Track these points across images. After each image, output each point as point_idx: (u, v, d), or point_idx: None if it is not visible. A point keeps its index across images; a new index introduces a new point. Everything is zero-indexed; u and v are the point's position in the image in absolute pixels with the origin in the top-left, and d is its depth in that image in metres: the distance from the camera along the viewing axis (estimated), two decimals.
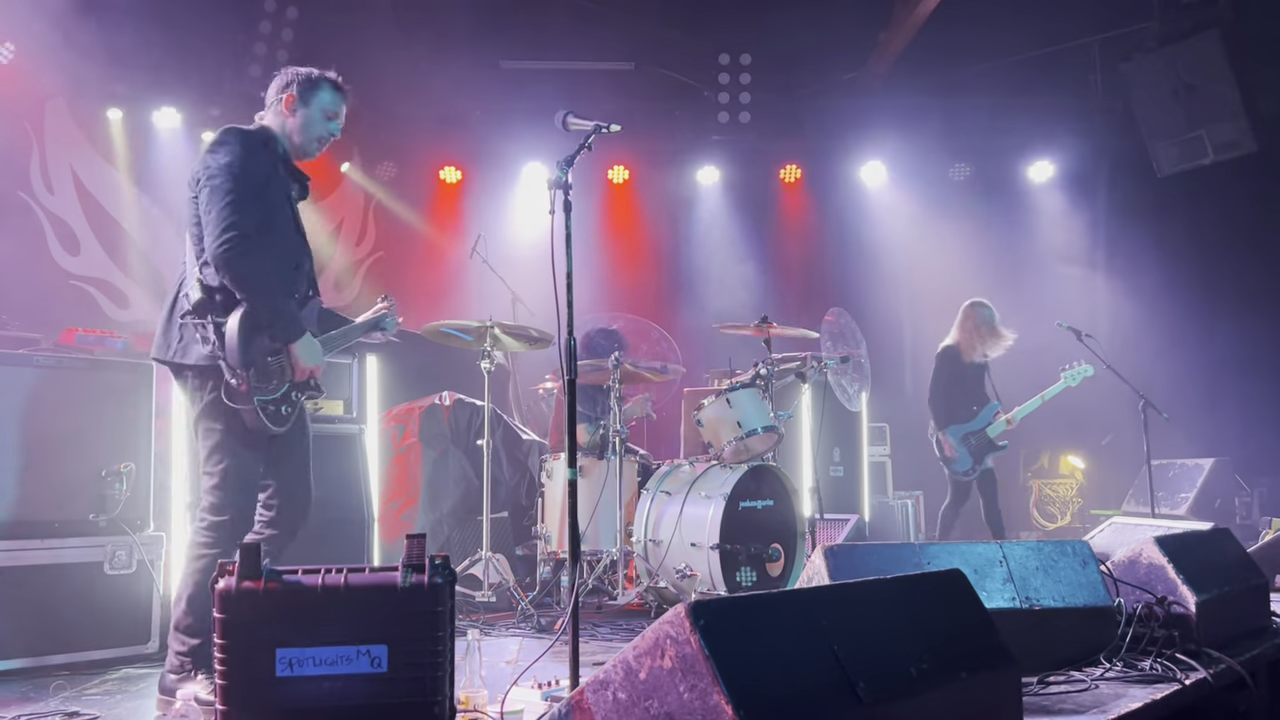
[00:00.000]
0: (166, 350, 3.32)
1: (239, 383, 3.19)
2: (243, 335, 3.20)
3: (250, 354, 3.22)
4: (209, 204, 3.25)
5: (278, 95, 3.52)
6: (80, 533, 3.98)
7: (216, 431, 3.26)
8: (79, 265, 8.04)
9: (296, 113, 3.51)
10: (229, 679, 2.24)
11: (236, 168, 3.27)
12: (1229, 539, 4.13)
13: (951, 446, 6.46)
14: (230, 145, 3.31)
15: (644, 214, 9.51)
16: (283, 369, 3.35)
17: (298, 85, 3.52)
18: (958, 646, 2.40)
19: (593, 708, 2.08)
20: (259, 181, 3.33)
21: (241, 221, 3.22)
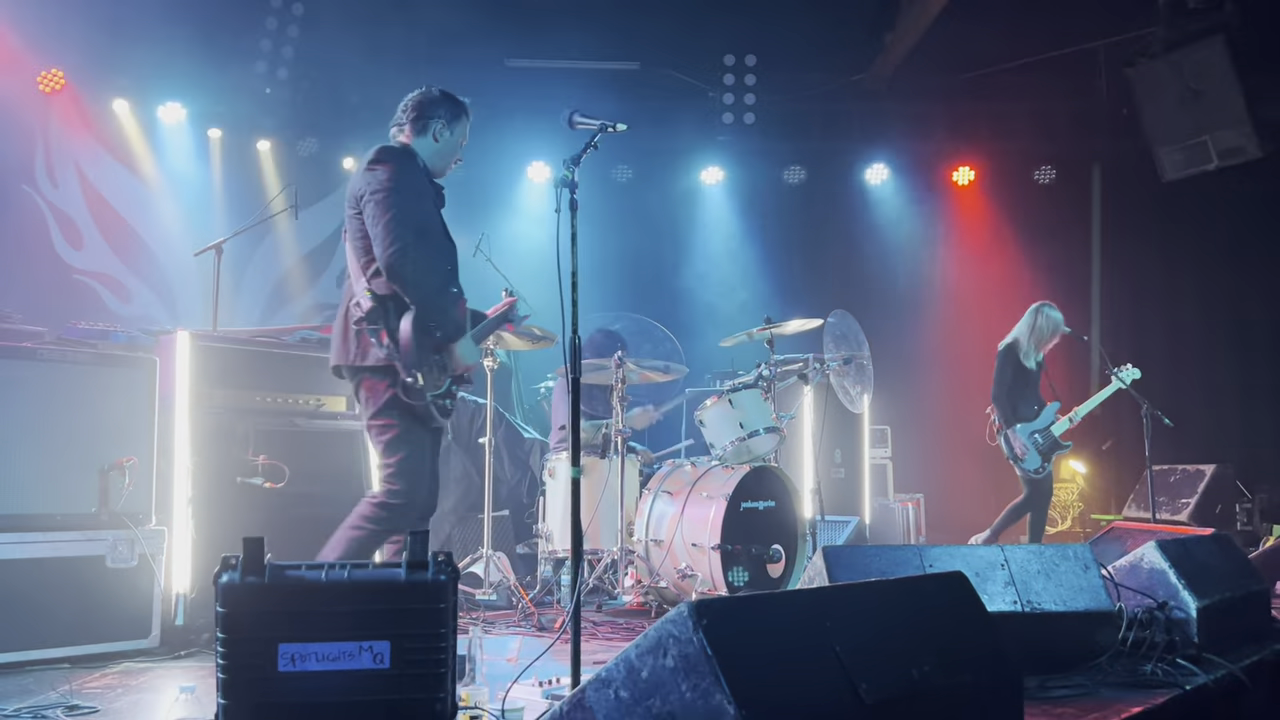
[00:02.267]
0: (346, 356, 3.62)
1: (414, 380, 3.47)
2: (415, 338, 3.48)
3: (422, 355, 3.50)
4: (375, 218, 3.53)
5: (420, 119, 3.81)
6: (82, 526, 3.98)
7: (394, 427, 3.56)
8: (83, 259, 8.04)
9: (439, 139, 3.83)
10: (231, 673, 2.24)
11: (395, 183, 3.56)
12: (1230, 545, 4.13)
13: (1023, 444, 6.49)
14: (388, 163, 3.60)
15: (648, 214, 9.50)
16: (444, 366, 3.62)
17: (445, 114, 3.83)
18: (959, 649, 2.41)
19: (594, 706, 2.09)
20: (414, 194, 3.64)
21: (405, 232, 3.51)
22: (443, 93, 3.89)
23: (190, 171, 8.42)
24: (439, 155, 3.84)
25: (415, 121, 3.81)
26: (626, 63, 9.19)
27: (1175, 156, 8.41)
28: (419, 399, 3.50)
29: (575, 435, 3.03)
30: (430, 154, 3.81)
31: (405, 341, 3.46)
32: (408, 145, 3.79)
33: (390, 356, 3.49)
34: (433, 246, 3.69)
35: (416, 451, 3.58)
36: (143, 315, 8.06)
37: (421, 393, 3.49)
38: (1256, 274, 8.78)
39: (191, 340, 4.40)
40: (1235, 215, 8.68)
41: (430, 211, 3.75)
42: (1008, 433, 6.55)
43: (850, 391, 6.63)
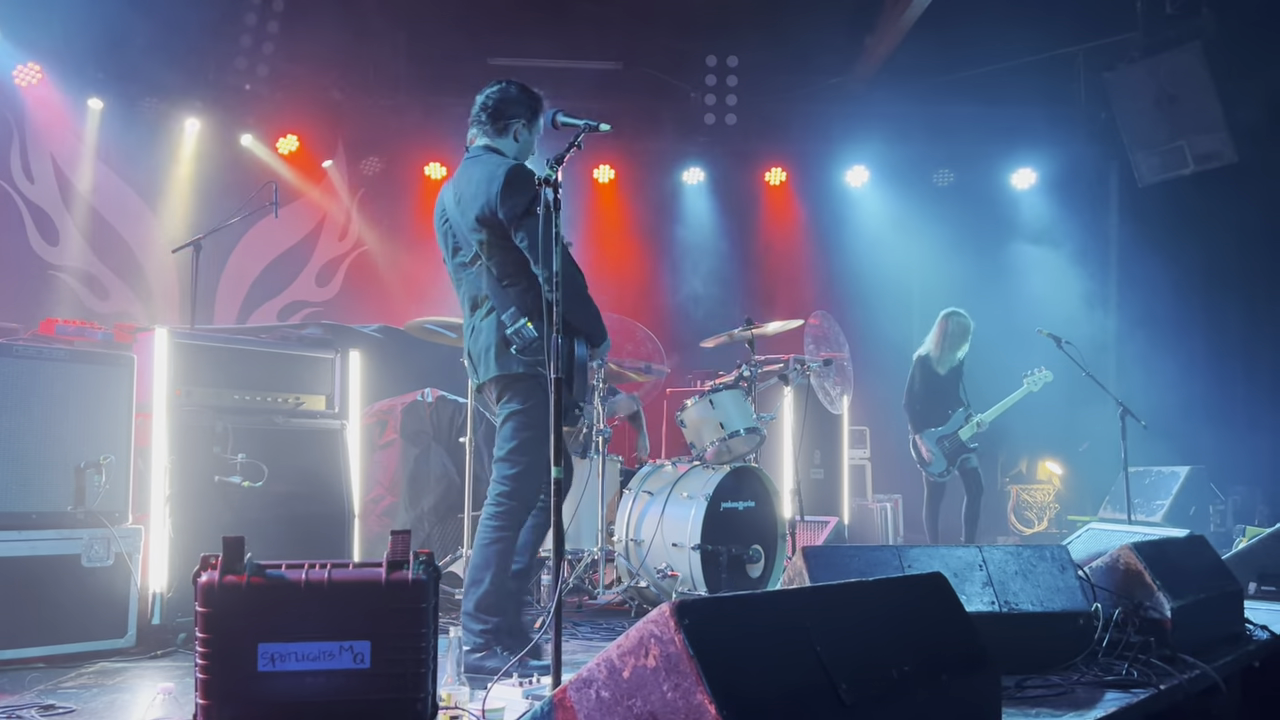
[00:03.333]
0: (505, 368, 3.62)
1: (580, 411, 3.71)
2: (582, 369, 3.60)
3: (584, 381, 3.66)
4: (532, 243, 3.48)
5: (509, 117, 3.74)
6: (57, 525, 3.94)
7: (530, 429, 3.60)
8: (59, 255, 7.98)
9: (520, 139, 3.77)
10: (211, 673, 2.23)
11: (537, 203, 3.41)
12: (1204, 546, 4.17)
13: (928, 449, 6.58)
14: (529, 184, 3.42)
15: (629, 214, 9.51)
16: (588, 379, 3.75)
17: (525, 113, 3.76)
18: (938, 649, 2.42)
19: (575, 706, 2.09)
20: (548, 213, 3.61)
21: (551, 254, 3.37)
22: (520, 88, 3.78)
23: (168, 168, 8.36)
24: (519, 155, 3.78)
25: (495, 121, 3.74)
26: (609, 63, 9.19)
27: (1152, 161, 8.50)
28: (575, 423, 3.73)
29: (557, 435, 3.03)
30: (516, 154, 3.76)
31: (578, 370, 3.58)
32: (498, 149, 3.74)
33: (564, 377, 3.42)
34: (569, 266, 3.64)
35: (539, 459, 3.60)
36: (120, 312, 8.01)
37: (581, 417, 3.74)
38: (1231, 277, 8.87)
39: (169, 337, 4.37)
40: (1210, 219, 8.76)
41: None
42: (915, 438, 6.66)
43: (830, 393, 6.66)
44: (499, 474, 3.68)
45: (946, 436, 6.65)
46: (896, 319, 9.47)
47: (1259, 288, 8.79)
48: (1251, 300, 8.81)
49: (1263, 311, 8.80)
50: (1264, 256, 8.69)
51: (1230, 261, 8.87)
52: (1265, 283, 8.75)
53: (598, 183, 9.48)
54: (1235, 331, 8.93)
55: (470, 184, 3.70)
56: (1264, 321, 8.80)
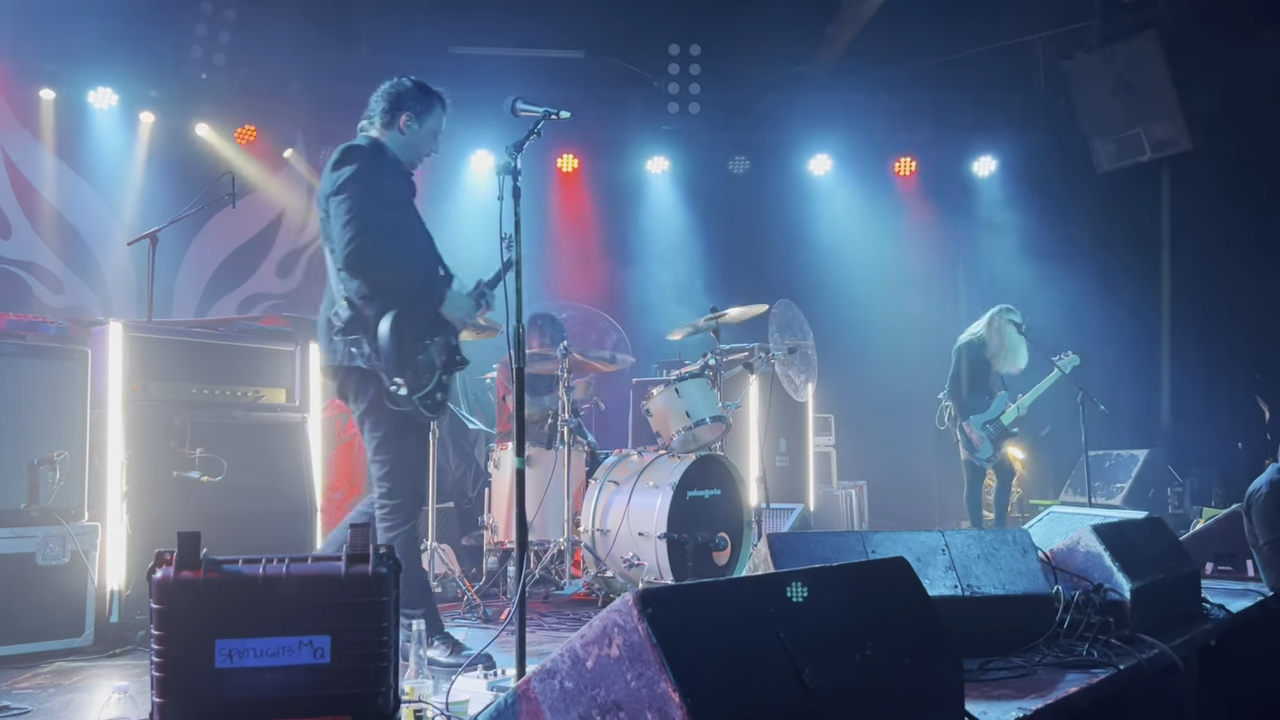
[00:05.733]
0: (333, 358, 3.62)
1: (398, 388, 3.47)
2: (395, 342, 3.46)
3: (404, 358, 3.49)
4: (335, 216, 3.49)
5: (390, 112, 3.74)
6: (11, 523, 3.87)
7: (383, 425, 3.59)
8: (10, 249, 7.82)
9: (408, 133, 3.76)
10: (166, 671, 2.19)
11: (360, 181, 3.50)
12: (1162, 528, 4.23)
13: (977, 436, 6.70)
14: (352, 162, 3.54)
15: (593, 203, 9.48)
16: (432, 361, 3.60)
17: (414, 105, 3.76)
18: (901, 633, 2.43)
19: (539, 697, 2.07)
20: (382, 191, 3.58)
21: (366, 227, 3.46)
22: (415, 83, 3.82)
23: (123, 159, 8.21)
24: (408, 148, 3.78)
25: (385, 114, 3.75)
26: (571, 51, 9.13)
27: (1110, 148, 8.59)
28: (404, 405, 3.52)
29: (520, 426, 3.01)
30: (399, 146, 3.76)
31: (385, 348, 3.46)
32: (376, 140, 3.73)
33: (372, 364, 3.49)
34: (405, 241, 3.66)
35: (404, 451, 3.63)
36: (75, 306, 7.87)
37: (406, 398, 3.50)
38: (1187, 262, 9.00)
39: (125, 331, 4.29)
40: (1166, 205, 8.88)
41: (403, 207, 3.71)
42: (963, 424, 6.77)
43: (795, 380, 6.67)
44: (374, 474, 3.69)
45: (990, 421, 6.80)
46: (860, 306, 9.50)
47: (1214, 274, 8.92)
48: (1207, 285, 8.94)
49: (1218, 297, 8.93)
50: (1219, 242, 8.81)
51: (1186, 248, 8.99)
52: (1220, 269, 8.88)
53: (561, 172, 9.43)
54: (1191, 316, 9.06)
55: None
56: (1219, 307, 8.94)
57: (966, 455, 6.87)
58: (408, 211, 3.74)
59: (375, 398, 3.55)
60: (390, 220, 3.58)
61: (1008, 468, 6.97)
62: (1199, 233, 8.85)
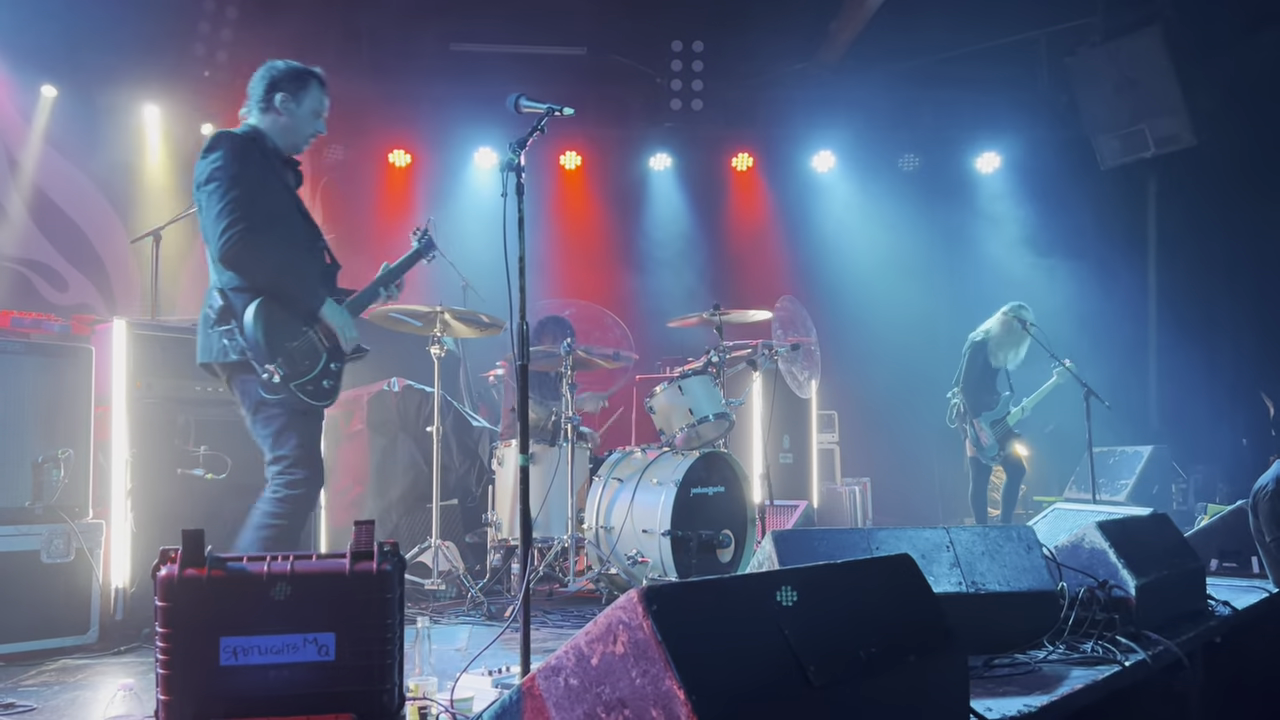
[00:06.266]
0: (209, 353, 3.51)
1: (269, 376, 3.37)
2: (262, 329, 3.37)
3: (275, 345, 3.40)
4: (207, 207, 3.41)
5: (265, 96, 3.64)
6: (16, 520, 3.88)
7: (277, 418, 3.47)
8: (14, 247, 7.81)
9: (285, 114, 3.65)
10: (171, 668, 2.19)
11: (230, 169, 3.41)
12: (1167, 524, 4.22)
13: (986, 434, 6.70)
14: (221, 149, 3.45)
15: (596, 200, 9.47)
16: (313, 347, 3.52)
17: (288, 87, 3.65)
18: (906, 630, 2.43)
19: (544, 694, 2.07)
20: (255, 179, 3.47)
21: (240, 217, 3.37)
22: (287, 65, 3.71)
23: (126, 156, 8.20)
24: (288, 131, 3.68)
25: (260, 99, 3.64)
26: (573, 48, 9.12)
27: (1113, 144, 8.58)
28: (280, 392, 3.41)
29: (524, 423, 3.01)
30: (278, 131, 3.66)
31: (252, 337, 3.38)
32: (254, 127, 3.63)
33: (244, 354, 3.40)
34: (282, 230, 3.55)
35: (305, 437, 3.50)
36: (79, 304, 7.87)
37: (282, 385, 3.40)
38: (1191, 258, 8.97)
39: (129, 329, 4.30)
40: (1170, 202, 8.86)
41: (279, 195, 3.59)
42: (975, 422, 6.76)
43: (798, 377, 6.67)
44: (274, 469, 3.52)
45: (998, 421, 6.82)
46: (863, 303, 9.50)
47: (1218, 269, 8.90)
48: (1211, 281, 8.92)
49: (1222, 292, 8.91)
50: (1222, 238, 8.79)
51: (1190, 243, 8.97)
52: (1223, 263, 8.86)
53: (564, 169, 9.44)
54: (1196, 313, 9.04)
55: None
56: (1223, 302, 8.92)
57: (973, 452, 6.87)
58: (284, 199, 3.62)
59: (254, 388, 3.44)
60: (264, 209, 3.47)
61: (1017, 465, 6.97)
62: (1203, 228, 8.83)
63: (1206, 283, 8.92)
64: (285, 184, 3.65)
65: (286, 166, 3.68)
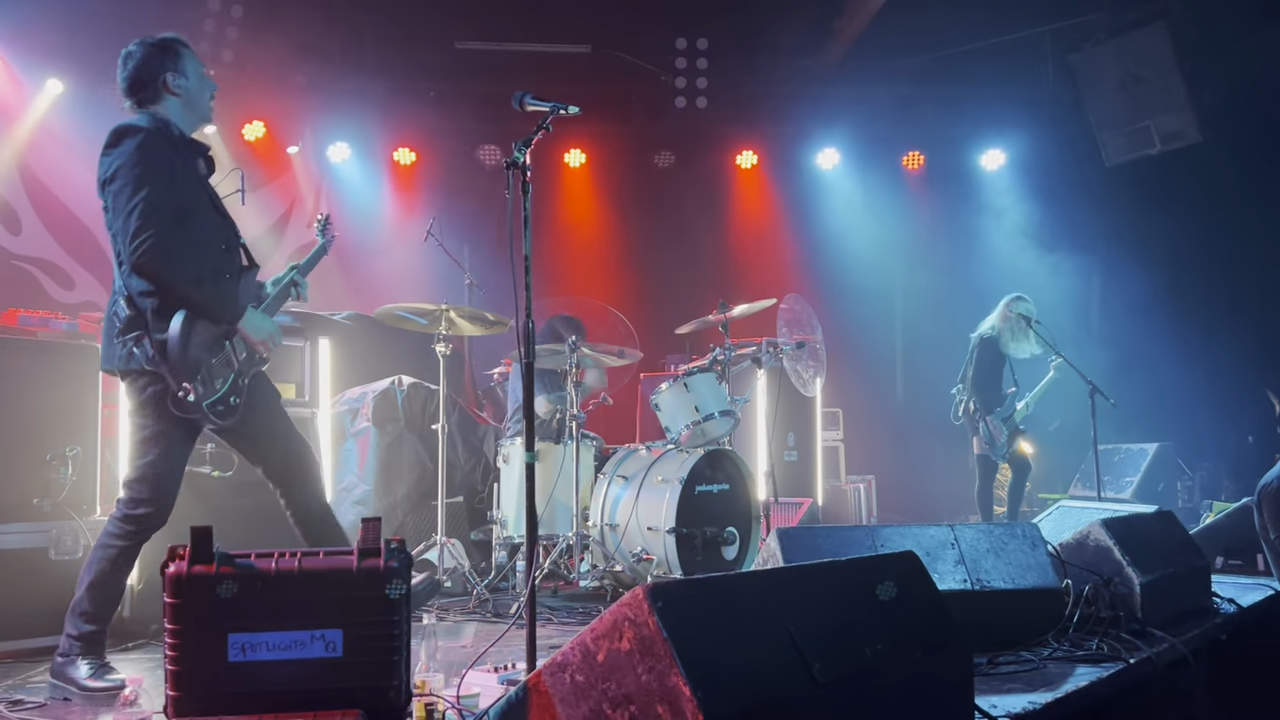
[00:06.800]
0: (112, 360, 3.27)
1: (185, 394, 3.16)
2: (184, 345, 3.16)
3: (194, 361, 3.20)
4: (115, 208, 3.19)
5: (151, 79, 3.39)
6: (24, 518, 3.89)
7: (148, 428, 3.24)
8: (21, 245, 7.84)
9: (180, 91, 3.43)
10: (180, 665, 2.21)
11: (138, 167, 3.19)
12: (1172, 522, 4.22)
13: (997, 431, 6.68)
14: (124, 144, 3.24)
15: (601, 198, 9.48)
16: (229, 360, 3.32)
17: (169, 64, 3.41)
18: (911, 627, 2.43)
19: (550, 690, 2.08)
20: (164, 173, 3.24)
21: (152, 220, 3.15)
22: (144, 45, 3.44)
23: None
24: (190, 106, 3.45)
25: (144, 89, 3.39)
26: (577, 45, 9.13)
27: (1118, 141, 8.56)
28: (191, 411, 3.19)
29: (529, 420, 3.02)
30: (181, 110, 3.42)
31: (173, 351, 3.14)
32: (154, 113, 3.36)
33: (156, 366, 3.16)
34: (196, 228, 3.29)
35: (167, 454, 3.25)
36: (86, 302, 7.89)
37: (195, 404, 3.18)
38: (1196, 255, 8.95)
39: None
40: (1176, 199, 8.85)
41: (190, 186, 3.34)
42: (987, 419, 6.74)
43: (803, 375, 6.68)
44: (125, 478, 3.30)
45: (1006, 418, 6.80)
46: (868, 300, 9.51)
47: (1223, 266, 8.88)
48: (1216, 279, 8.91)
49: (1227, 289, 8.90)
50: (1228, 235, 8.78)
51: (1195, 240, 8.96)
52: (1229, 261, 8.84)
53: (569, 167, 9.44)
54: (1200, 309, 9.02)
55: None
56: (1228, 299, 8.90)
57: (981, 450, 6.85)
58: (196, 194, 3.37)
59: (152, 398, 3.21)
60: (175, 207, 3.22)
61: (1023, 462, 6.95)
62: (1208, 226, 8.81)
63: (1212, 280, 8.91)
64: (197, 174, 3.40)
65: (196, 153, 3.43)
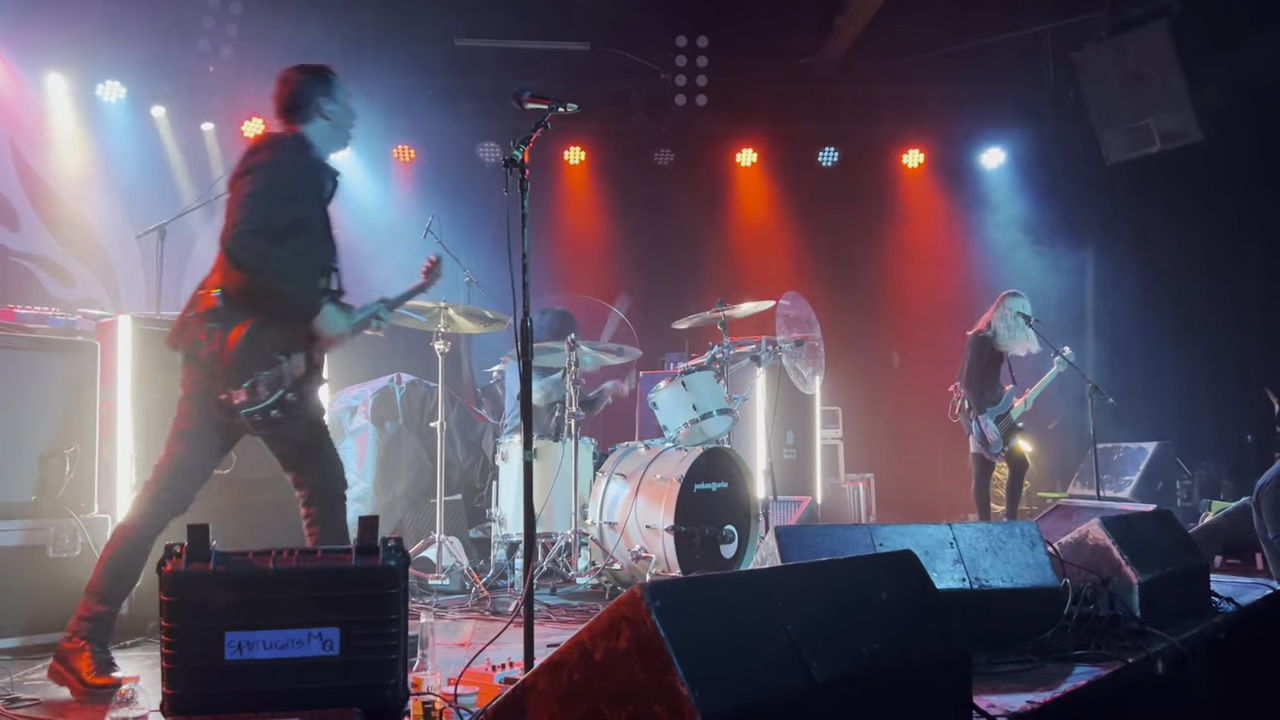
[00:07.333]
0: (181, 340, 3.36)
1: (227, 399, 3.24)
2: (244, 352, 3.24)
3: (245, 371, 3.25)
4: (234, 200, 3.33)
5: (305, 102, 3.55)
6: (22, 515, 3.88)
7: (186, 419, 3.34)
8: (19, 242, 7.83)
9: (330, 116, 3.59)
10: (176, 662, 2.21)
11: (269, 171, 3.34)
12: (1171, 521, 4.22)
13: (991, 431, 6.64)
14: (268, 149, 3.41)
15: (600, 196, 9.47)
16: (281, 377, 3.34)
17: (321, 89, 3.58)
18: (909, 626, 2.43)
19: (548, 689, 2.08)
20: (290, 184, 3.40)
21: (259, 217, 3.28)
22: (301, 71, 3.61)
23: (132, 151, 8.22)
24: (337, 129, 3.63)
25: (298, 110, 3.55)
26: (577, 43, 9.11)
27: (1119, 139, 8.56)
28: (231, 416, 3.26)
29: (527, 419, 3.01)
30: (327, 133, 3.59)
31: (229, 354, 3.22)
32: (299, 134, 3.54)
33: (212, 365, 3.25)
34: (300, 242, 3.41)
35: (197, 450, 3.34)
36: (84, 299, 7.88)
37: (234, 410, 3.24)
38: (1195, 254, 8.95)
39: (134, 324, 4.30)
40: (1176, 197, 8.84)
41: (310, 206, 3.50)
42: (980, 419, 6.70)
43: (802, 373, 6.67)
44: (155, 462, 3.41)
45: (1002, 416, 6.76)
46: (867, 298, 9.50)
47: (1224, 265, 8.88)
48: (1216, 278, 8.91)
49: (1227, 289, 8.90)
50: (1228, 234, 8.78)
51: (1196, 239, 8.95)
52: (1229, 260, 8.84)
53: (568, 164, 9.43)
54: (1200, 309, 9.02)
55: None
56: (1228, 299, 8.90)
57: (977, 449, 6.83)
58: (312, 212, 3.51)
59: (199, 394, 3.30)
60: (289, 218, 3.36)
61: (1021, 461, 6.93)
62: (1208, 225, 8.81)
63: (1212, 279, 8.91)
64: (321, 195, 3.57)
65: (328, 177, 3.61)
